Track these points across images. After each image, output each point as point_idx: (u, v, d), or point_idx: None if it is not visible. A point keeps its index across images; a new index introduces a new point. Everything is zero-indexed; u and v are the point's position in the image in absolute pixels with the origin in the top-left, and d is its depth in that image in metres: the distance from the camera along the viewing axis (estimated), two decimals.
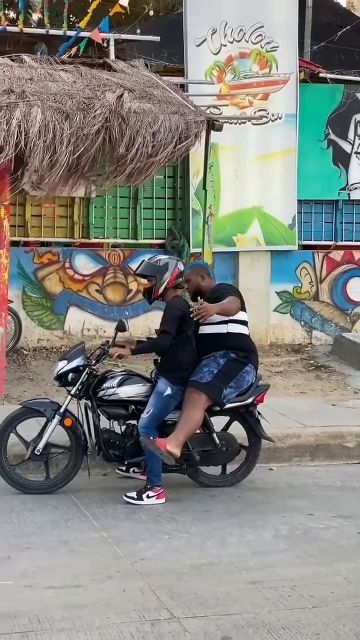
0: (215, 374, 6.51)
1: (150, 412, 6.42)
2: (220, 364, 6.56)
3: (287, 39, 11.84)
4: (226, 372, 6.55)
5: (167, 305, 6.61)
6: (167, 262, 6.64)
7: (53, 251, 11.21)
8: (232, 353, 6.61)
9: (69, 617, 4.42)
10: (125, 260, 11.39)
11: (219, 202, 11.46)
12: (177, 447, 6.27)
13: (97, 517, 6.05)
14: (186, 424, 6.38)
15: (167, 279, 6.57)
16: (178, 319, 6.48)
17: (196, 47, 11.42)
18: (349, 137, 12.36)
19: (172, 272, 6.58)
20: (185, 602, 4.62)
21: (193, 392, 6.46)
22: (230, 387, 6.58)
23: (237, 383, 6.61)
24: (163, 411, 6.47)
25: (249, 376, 6.68)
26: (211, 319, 6.60)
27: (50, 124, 8.04)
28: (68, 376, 6.57)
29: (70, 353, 6.72)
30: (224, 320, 6.64)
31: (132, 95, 8.63)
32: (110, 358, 6.71)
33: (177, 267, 6.62)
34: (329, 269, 12.37)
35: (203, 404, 6.46)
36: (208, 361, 6.60)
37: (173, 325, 6.46)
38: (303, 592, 4.80)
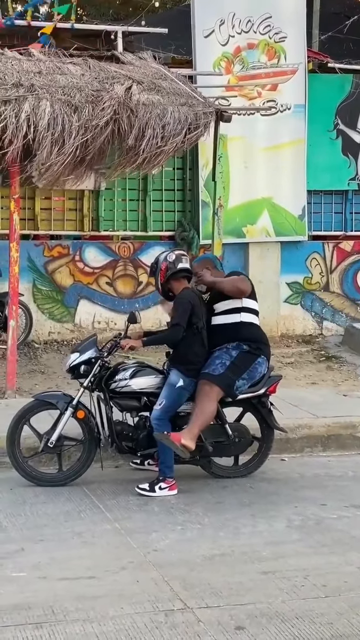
0: (228, 365, 6.52)
1: (163, 403, 6.43)
2: (233, 356, 6.56)
3: (295, 29, 11.80)
4: (238, 363, 6.56)
5: (176, 298, 6.63)
6: (157, 259, 6.72)
7: (63, 244, 11.22)
8: (244, 345, 6.62)
9: (83, 608, 4.44)
10: (135, 252, 11.39)
11: (229, 194, 11.43)
12: (191, 441, 6.28)
13: (109, 508, 6.07)
14: (200, 416, 6.40)
15: (158, 275, 6.65)
16: (188, 312, 6.48)
17: (204, 39, 11.39)
18: (358, 127, 12.31)
19: (160, 267, 6.64)
20: (198, 593, 4.64)
21: (205, 384, 6.47)
22: (243, 379, 6.59)
23: (250, 375, 6.62)
24: (175, 403, 6.48)
25: (262, 367, 6.68)
26: (221, 307, 6.63)
27: (59, 117, 8.03)
28: (80, 368, 6.59)
29: (82, 345, 6.74)
30: (237, 307, 6.65)
31: (140, 87, 8.62)
32: (122, 350, 6.73)
33: (165, 260, 6.65)
34: (339, 259, 12.33)
35: (216, 396, 6.47)
36: (220, 353, 6.60)
37: (184, 317, 6.47)
38: (316, 581, 4.81)
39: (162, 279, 6.66)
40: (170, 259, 6.64)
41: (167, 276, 6.63)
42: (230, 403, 6.76)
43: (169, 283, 6.66)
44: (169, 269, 6.61)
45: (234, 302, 6.68)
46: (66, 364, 6.74)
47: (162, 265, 6.64)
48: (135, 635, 4.16)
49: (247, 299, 6.72)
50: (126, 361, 7.23)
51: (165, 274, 6.63)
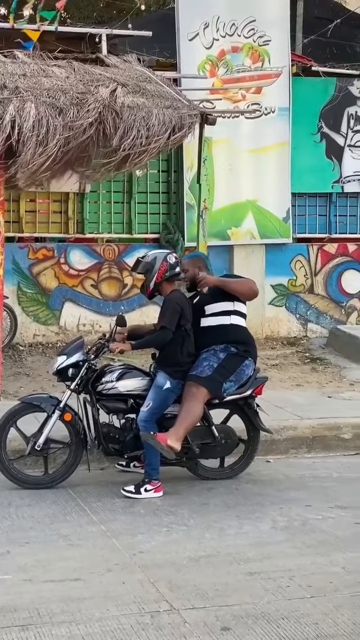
0: (215, 368, 6.53)
1: (150, 405, 6.43)
2: (221, 358, 6.58)
3: (279, 32, 11.85)
4: (226, 366, 6.58)
5: (165, 300, 6.62)
6: (155, 257, 6.63)
7: (48, 247, 11.21)
8: (232, 347, 6.63)
9: (69, 610, 4.43)
10: (120, 255, 11.40)
11: (213, 196, 11.46)
12: (177, 442, 6.29)
13: (95, 511, 6.07)
14: (186, 418, 6.40)
15: (156, 273, 6.58)
16: (177, 314, 6.49)
17: (188, 42, 11.42)
18: (342, 130, 12.38)
19: (160, 267, 6.57)
20: (184, 594, 4.64)
21: (193, 386, 6.48)
22: (230, 381, 6.61)
23: (237, 377, 6.64)
24: (162, 405, 6.49)
25: (249, 370, 6.71)
26: (213, 309, 6.64)
27: (44, 119, 8.04)
28: (68, 371, 6.57)
29: (69, 348, 6.72)
30: (229, 310, 6.67)
31: (125, 90, 8.64)
32: (111, 353, 6.73)
33: (166, 261, 6.60)
34: (323, 261, 12.39)
35: (202, 397, 6.48)
36: (208, 355, 6.61)
37: (172, 320, 6.48)
38: (301, 582, 4.82)
39: (159, 278, 6.61)
40: (170, 261, 6.61)
41: (164, 277, 6.62)
42: (217, 405, 6.77)
43: (160, 284, 6.67)
44: (168, 270, 6.60)
45: (226, 304, 6.70)
46: (53, 367, 6.72)
47: (161, 265, 6.57)
48: (121, 637, 4.16)
49: (238, 302, 6.75)
50: (112, 363, 7.23)
51: (163, 275, 6.60)
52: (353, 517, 6.03)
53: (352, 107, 12.42)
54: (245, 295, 6.72)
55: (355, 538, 5.62)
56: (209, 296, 6.73)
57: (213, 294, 6.70)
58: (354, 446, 7.88)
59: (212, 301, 6.71)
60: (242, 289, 6.71)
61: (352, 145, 12.42)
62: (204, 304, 6.76)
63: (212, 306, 6.72)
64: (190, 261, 6.96)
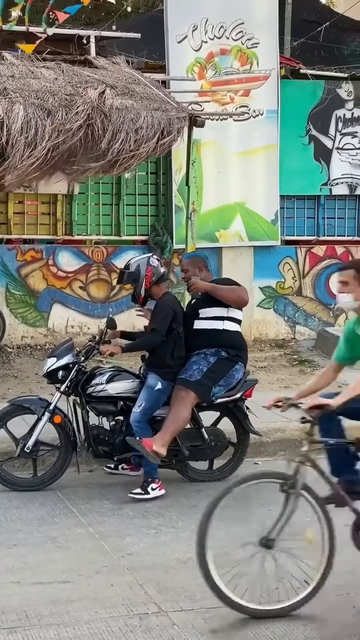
0: (205, 372, 6.53)
1: (142, 405, 6.45)
2: (211, 362, 6.58)
3: (267, 35, 11.87)
4: (216, 370, 6.58)
5: (157, 303, 6.63)
6: (138, 264, 6.65)
7: (36, 248, 11.19)
8: (223, 351, 6.64)
9: (57, 612, 4.43)
10: (108, 257, 11.39)
11: (202, 198, 11.47)
12: (163, 447, 6.29)
13: (83, 513, 6.06)
14: (173, 422, 6.40)
15: (144, 280, 6.59)
16: (169, 317, 6.51)
17: (177, 44, 11.43)
18: (330, 133, 12.41)
19: (146, 272, 6.60)
20: (172, 596, 4.65)
21: (181, 389, 6.48)
22: (220, 386, 6.62)
23: (226, 381, 6.65)
24: (154, 405, 6.51)
25: (239, 374, 6.73)
26: (207, 313, 6.64)
27: (33, 121, 8.05)
28: (58, 374, 6.57)
29: (59, 350, 6.72)
30: (222, 316, 6.67)
31: (114, 92, 8.64)
32: (102, 355, 6.73)
33: (150, 265, 6.62)
34: (311, 264, 12.42)
35: (191, 402, 6.49)
36: (198, 358, 6.61)
37: (164, 323, 6.49)
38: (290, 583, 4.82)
39: (148, 284, 6.62)
40: (154, 264, 6.63)
41: (153, 282, 6.62)
42: (207, 407, 6.78)
43: (150, 289, 6.65)
44: (155, 274, 6.60)
45: (220, 310, 6.70)
46: (43, 369, 6.71)
47: (147, 271, 6.59)
48: (109, 639, 4.16)
49: (232, 308, 6.74)
50: (102, 365, 7.23)
51: (151, 280, 6.61)
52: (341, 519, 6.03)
53: (341, 110, 12.46)
54: (234, 304, 6.71)
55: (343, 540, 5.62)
56: (205, 301, 6.73)
57: (208, 298, 6.70)
58: None
59: (207, 305, 6.72)
60: (231, 296, 6.69)
61: (341, 148, 12.45)
62: (199, 307, 6.77)
63: (206, 310, 6.73)
64: (190, 261, 6.96)
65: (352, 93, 12.44)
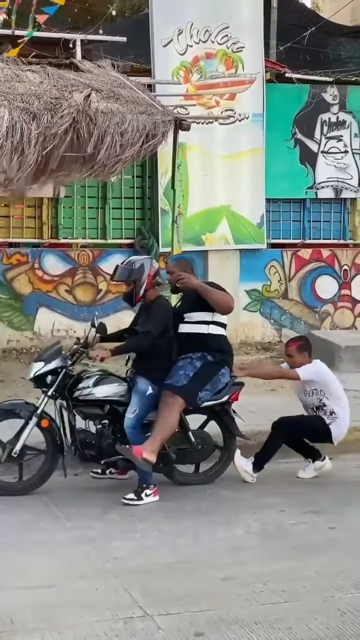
0: (191, 377, 6.53)
1: (136, 412, 6.44)
2: (197, 367, 6.58)
3: (252, 39, 11.90)
4: (202, 375, 6.58)
5: (153, 306, 6.62)
6: (143, 263, 6.64)
7: (22, 252, 11.17)
8: (209, 355, 6.64)
9: (42, 617, 4.42)
10: (94, 260, 11.38)
11: (188, 202, 11.48)
12: (152, 454, 6.28)
13: (69, 517, 6.05)
14: (162, 429, 6.39)
15: (146, 280, 6.58)
16: (164, 321, 6.51)
17: (163, 48, 11.44)
18: (316, 137, 12.45)
19: (149, 273, 6.60)
20: (158, 600, 4.64)
21: (168, 395, 6.47)
22: (206, 390, 6.62)
23: (213, 385, 6.66)
24: (147, 410, 6.51)
25: (225, 378, 6.73)
26: (192, 317, 6.64)
27: (18, 125, 8.02)
28: (47, 378, 6.54)
29: (47, 354, 6.68)
30: (207, 320, 6.67)
31: (99, 96, 8.63)
32: (92, 361, 6.70)
33: (153, 266, 6.65)
34: (297, 267, 12.45)
35: (178, 407, 6.48)
36: (184, 363, 6.60)
37: (159, 326, 6.48)
38: (275, 587, 4.83)
39: (149, 284, 6.62)
40: (156, 266, 6.66)
41: (153, 283, 6.63)
42: (194, 410, 6.78)
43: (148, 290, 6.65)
44: (155, 275, 6.62)
45: (205, 315, 6.70)
46: (30, 373, 6.67)
47: (150, 272, 6.58)
48: None
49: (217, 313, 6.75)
50: (89, 369, 7.21)
51: (152, 280, 6.62)
52: (327, 521, 6.06)
53: (326, 114, 12.50)
54: (219, 308, 6.69)
55: (329, 543, 5.65)
56: (190, 304, 6.74)
57: (193, 302, 6.71)
58: (327, 451, 7.90)
59: (192, 309, 6.72)
60: (219, 300, 6.66)
61: (326, 151, 12.49)
62: (184, 311, 6.78)
63: (192, 314, 6.73)
64: (177, 263, 6.95)
65: (337, 97, 12.50)
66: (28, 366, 7.15)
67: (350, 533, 5.83)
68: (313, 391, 7.11)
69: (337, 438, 7.14)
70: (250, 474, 6.92)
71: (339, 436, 7.13)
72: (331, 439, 7.11)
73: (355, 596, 4.71)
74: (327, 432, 7.06)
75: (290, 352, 7.24)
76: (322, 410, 7.08)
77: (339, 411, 7.06)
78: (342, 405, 7.10)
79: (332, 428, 7.05)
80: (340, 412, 7.06)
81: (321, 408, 7.09)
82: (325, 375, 7.12)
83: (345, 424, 7.13)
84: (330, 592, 4.78)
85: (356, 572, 5.06)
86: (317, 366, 7.15)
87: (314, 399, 7.12)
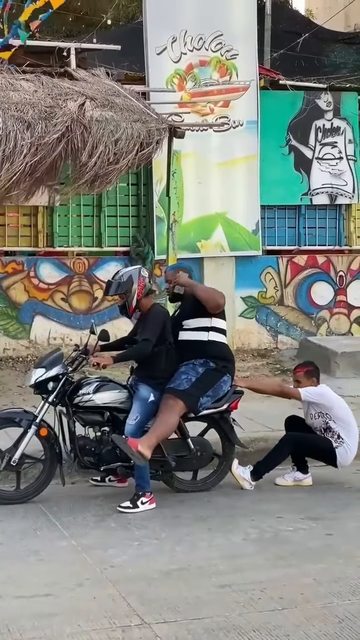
0: (193, 382, 6.56)
1: (138, 419, 6.45)
2: (199, 373, 6.61)
3: (246, 46, 11.93)
4: (204, 380, 6.61)
5: (149, 314, 6.64)
6: (130, 275, 6.66)
7: (17, 260, 11.17)
8: (211, 362, 6.67)
9: (39, 626, 4.40)
10: (90, 268, 11.38)
11: (183, 209, 11.49)
12: (148, 449, 6.28)
13: (66, 525, 6.04)
14: (160, 427, 6.41)
15: (136, 290, 6.60)
16: (160, 327, 6.53)
17: (157, 56, 11.46)
18: (310, 143, 12.47)
19: (139, 283, 6.61)
20: (155, 608, 4.63)
21: (170, 398, 6.50)
22: (207, 396, 6.64)
23: (214, 392, 6.68)
24: (149, 417, 6.53)
25: (226, 385, 6.76)
26: (191, 324, 6.66)
27: (12, 133, 8.03)
28: (48, 385, 6.53)
29: (47, 360, 6.68)
30: (206, 326, 6.69)
31: (93, 104, 8.65)
32: (94, 368, 6.70)
33: (142, 276, 6.65)
34: (293, 273, 12.46)
35: (179, 410, 6.50)
36: (187, 368, 6.63)
37: (155, 333, 6.50)
38: (273, 594, 4.83)
39: (140, 295, 6.63)
40: (145, 275, 6.65)
41: (144, 293, 6.63)
42: (194, 418, 6.79)
43: (140, 300, 6.66)
44: (146, 285, 6.63)
45: (204, 320, 6.73)
46: (30, 380, 6.64)
47: (139, 282, 6.61)
48: None
49: (216, 318, 6.78)
50: (89, 376, 7.21)
51: (143, 290, 6.63)
52: (324, 528, 6.06)
53: (320, 120, 12.53)
54: (208, 304, 6.69)
55: (327, 549, 5.65)
56: (188, 311, 6.76)
57: (191, 309, 6.73)
58: None
59: (191, 316, 6.74)
60: (206, 296, 6.69)
61: (320, 158, 12.52)
62: (182, 317, 6.80)
63: (190, 321, 6.76)
64: (174, 272, 6.99)
65: (331, 103, 12.53)
66: (25, 374, 7.14)
67: (347, 539, 5.83)
68: (319, 414, 7.10)
69: (342, 464, 7.09)
70: (248, 481, 6.92)
71: (344, 462, 7.08)
72: (336, 463, 7.08)
73: (353, 603, 4.71)
74: (332, 455, 7.03)
75: (298, 378, 7.24)
76: (330, 433, 7.06)
77: (345, 436, 7.02)
78: (349, 430, 7.05)
79: (338, 452, 7.01)
80: (347, 438, 7.02)
81: (328, 431, 7.07)
82: (328, 400, 7.09)
83: (353, 451, 7.06)
84: (328, 598, 4.78)
85: (354, 578, 5.07)
86: (321, 390, 7.13)
87: (320, 421, 7.11)
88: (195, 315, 6.72)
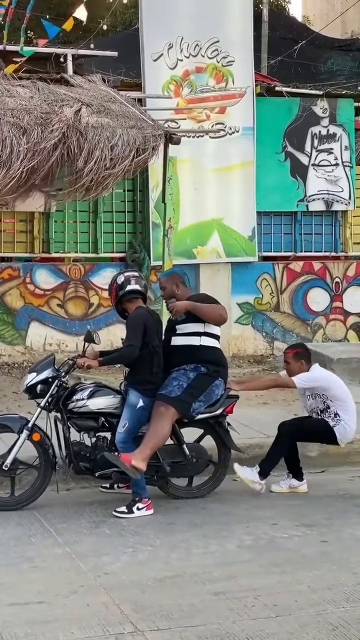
0: (185, 388, 6.54)
1: (126, 426, 6.44)
2: (190, 378, 6.59)
3: (242, 53, 11.96)
4: (196, 386, 6.59)
5: (128, 318, 6.66)
6: (111, 279, 6.81)
7: (13, 266, 11.16)
8: (202, 367, 6.66)
9: (33, 633, 4.39)
10: (86, 274, 11.38)
11: (179, 215, 11.50)
12: (142, 461, 6.26)
13: (60, 532, 6.02)
14: (152, 437, 6.39)
15: (110, 297, 6.80)
16: (140, 331, 6.52)
17: (153, 62, 11.48)
18: (306, 150, 12.49)
19: (112, 290, 6.74)
20: (149, 615, 4.62)
21: (161, 405, 6.48)
22: (200, 401, 6.62)
23: (207, 397, 6.66)
24: (138, 423, 6.51)
25: (219, 390, 6.74)
26: (184, 329, 6.67)
27: (8, 139, 8.05)
28: (37, 388, 6.55)
29: (40, 365, 6.71)
30: (199, 331, 6.69)
31: (89, 110, 8.67)
32: (79, 368, 6.72)
33: (115, 282, 6.74)
34: (289, 279, 12.47)
35: (171, 417, 6.48)
36: (178, 374, 6.62)
37: (137, 337, 6.50)
38: (267, 601, 4.82)
39: (113, 300, 6.75)
40: (119, 281, 6.71)
41: (117, 298, 6.68)
42: (189, 423, 6.79)
43: (122, 304, 6.70)
44: (118, 290, 6.67)
45: (196, 326, 6.73)
46: (23, 384, 6.69)
47: (112, 288, 6.75)
48: None
49: (209, 323, 6.77)
50: (83, 381, 7.21)
51: (115, 296, 6.69)
52: (319, 535, 6.05)
53: (316, 127, 12.55)
54: (214, 321, 6.76)
55: (321, 556, 5.63)
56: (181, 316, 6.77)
57: (185, 314, 6.73)
58: (319, 464, 7.91)
59: (184, 322, 6.75)
60: (212, 314, 6.73)
61: (316, 164, 12.53)
62: (176, 323, 6.81)
63: (183, 326, 6.76)
64: (168, 278, 7.00)
65: (327, 110, 12.55)
66: (20, 380, 7.14)
67: (342, 546, 5.82)
68: (315, 395, 7.12)
69: (343, 440, 7.13)
70: (258, 482, 6.90)
71: (344, 438, 7.12)
72: (336, 440, 7.10)
73: (347, 610, 4.70)
74: (331, 434, 7.06)
75: (287, 359, 7.27)
76: (327, 413, 7.09)
77: (343, 413, 7.05)
78: (346, 408, 7.08)
79: (337, 430, 7.04)
80: (344, 415, 7.05)
81: (326, 411, 7.10)
82: (323, 381, 7.12)
83: (351, 427, 7.10)
84: (323, 606, 4.76)
85: (348, 586, 5.06)
86: (313, 374, 7.14)
87: (318, 402, 7.12)
88: (189, 320, 6.73)
